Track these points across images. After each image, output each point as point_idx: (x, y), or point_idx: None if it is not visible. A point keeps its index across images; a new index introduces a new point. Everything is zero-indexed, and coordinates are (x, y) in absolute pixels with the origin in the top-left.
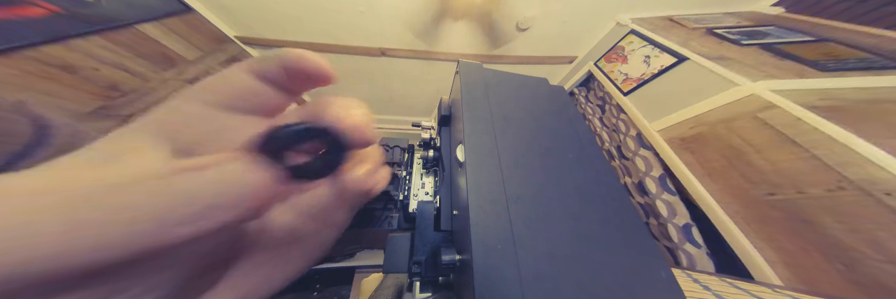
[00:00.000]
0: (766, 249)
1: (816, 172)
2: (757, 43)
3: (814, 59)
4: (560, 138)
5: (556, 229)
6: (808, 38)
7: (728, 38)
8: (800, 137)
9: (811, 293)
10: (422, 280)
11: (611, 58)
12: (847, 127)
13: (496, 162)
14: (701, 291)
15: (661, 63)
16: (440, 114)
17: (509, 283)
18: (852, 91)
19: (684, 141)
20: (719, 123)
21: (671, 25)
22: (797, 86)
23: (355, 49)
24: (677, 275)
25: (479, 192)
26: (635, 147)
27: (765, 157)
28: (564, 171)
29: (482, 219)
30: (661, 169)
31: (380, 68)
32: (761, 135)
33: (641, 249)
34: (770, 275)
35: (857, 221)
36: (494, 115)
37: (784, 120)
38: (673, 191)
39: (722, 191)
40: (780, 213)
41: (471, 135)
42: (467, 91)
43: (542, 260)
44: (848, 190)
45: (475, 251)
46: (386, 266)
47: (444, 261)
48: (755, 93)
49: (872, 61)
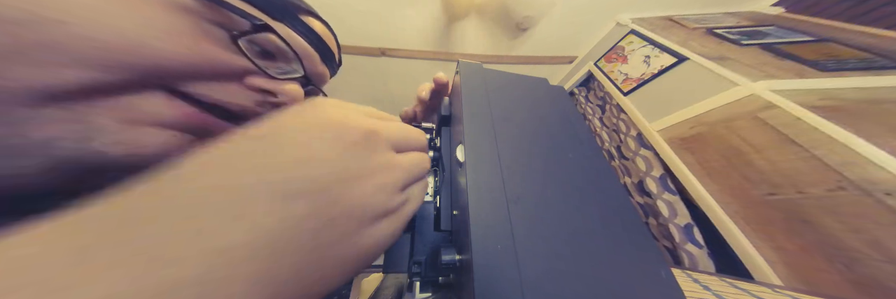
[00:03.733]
0: (766, 249)
1: (816, 172)
2: (757, 43)
3: (814, 59)
4: (560, 138)
5: (556, 229)
6: (808, 38)
7: (728, 38)
8: (800, 137)
9: (811, 293)
10: (422, 280)
11: (611, 58)
12: (847, 127)
13: (496, 162)
14: (701, 291)
15: (661, 63)
16: (440, 115)
17: (509, 283)
18: (852, 91)
19: (684, 141)
20: (719, 123)
21: (671, 25)
22: (797, 86)
23: (355, 49)
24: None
25: (479, 192)
26: (635, 147)
27: (765, 157)
28: (564, 171)
29: (482, 219)
30: (661, 169)
31: (380, 68)
32: (761, 135)
33: (641, 249)
34: (770, 275)
35: (857, 221)
36: (494, 115)
37: (784, 120)
38: (674, 191)
39: (722, 191)
40: (780, 213)
41: (471, 135)
42: (467, 91)
43: (542, 259)
44: (848, 190)
45: (475, 251)
46: (386, 266)
47: (444, 261)
48: (755, 93)
49: (872, 61)
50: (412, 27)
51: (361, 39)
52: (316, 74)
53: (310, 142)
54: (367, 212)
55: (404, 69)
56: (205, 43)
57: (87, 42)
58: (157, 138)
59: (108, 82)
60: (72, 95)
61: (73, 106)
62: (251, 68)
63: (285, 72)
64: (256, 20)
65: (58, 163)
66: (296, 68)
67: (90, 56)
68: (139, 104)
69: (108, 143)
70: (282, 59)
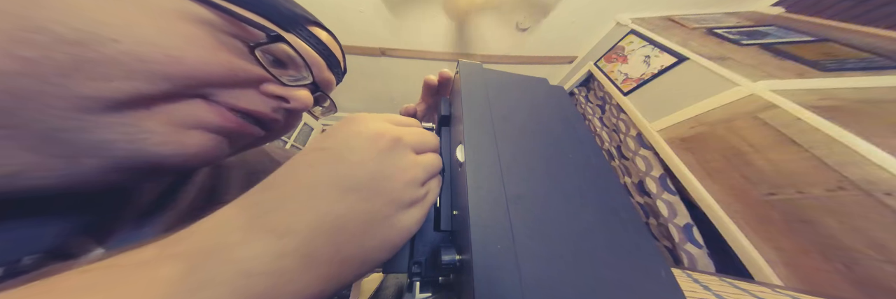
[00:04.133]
0: (766, 249)
1: (816, 172)
2: (757, 43)
3: (814, 59)
4: (560, 138)
5: (556, 229)
6: (808, 38)
7: (728, 38)
8: (800, 137)
9: (811, 293)
10: (422, 280)
11: (611, 58)
12: (847, 127)
13: (496, 162)
14: (701, 291)
15: (661, 63)
16: (440, 115)
17: (509, 283)
18: (852, 91)
19: (684, 141)
20: (719, 123)
21: (671, 25)
22: (797, 86)
23: (355, 49)
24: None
25: (479, 192)
26: (635, 147)
27: (765, 157)
28: (564, 171)
29: (482, 219)
30: (661, 169)
31: (380, 68)
32: (761, 135)
33: (641, 249)
34: (770, 275)
35: (857, 221)
36: (494, 115)
37: (784, 120)
38: (673, 191)
39: (722, 191)
40: (780, 213)
41: (471, 135)
42: (467, 91)
43: (541, 259)
44: (848, 190)
45: (475, 251)
46: (386, 266)
47: (444, 261)
48: (755, 93)
49: (872, 61)
50: (413, 27)
51: (362, 39)
52: (323, 80)
53: (356, 151)
54: (401, 201)
55: (404, 69)
56: (226, 54)
57: (135, 58)
58: (199, 140)
59: (153, 92)
60: (124, 103)
61: (125, 111)
62: (266, 76)
63: (296, 79)
64: (271, 31)
65: (116, 161)
66: (306, 75)
67: (138, 69)
68: (181, 110)
69: (157, 143)
70: (293, 67)
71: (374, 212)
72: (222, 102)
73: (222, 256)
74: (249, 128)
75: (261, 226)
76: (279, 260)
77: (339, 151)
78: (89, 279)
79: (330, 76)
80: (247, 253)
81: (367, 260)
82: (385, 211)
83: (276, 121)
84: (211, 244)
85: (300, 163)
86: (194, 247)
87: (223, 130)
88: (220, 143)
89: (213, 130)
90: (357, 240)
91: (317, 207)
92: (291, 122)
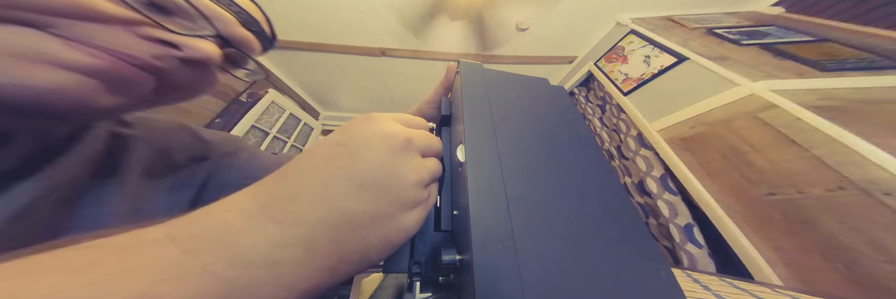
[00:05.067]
0: (766, 249)
1: (816, 172)
2: (757, 43)
3: (814, 59)
4: (560, 138)
5: (556, 229)
6: (808, 38)
7: (728, 38)
8: (800, 137)
9: (811, 293)
10: (422, 280)
11: (611, 58)
12: (847, 127)
13: (496, 162)
14: (701, 291)
15: (661, 63)
16: (440, 115)
17: (509, 283)
18: (852, 91)
19: (684, 141)
20: (719, 123)
21: (671, 25)
22: (797, 86)
23: (355, 49)
24: (677, 275)
25: (480, 192)
26: (636, 147)
27: (765, 157)
28: (565, 171)
29: (482, 219)
30: (661, 169)
31: (380, 68)
32: (761, 134)
33: (641, 249)
34: (770, 275)
35: (857, 221)
36: (495, 115)
37: (784, 120)
38: (674, 191)
39: (722, 191)
40: (780, 213)
41: (471, 135)
42: (467, 91)
43: (542, 259)
44: (848, 190)
45: (475, 251)
46: (386, 266)
47: (445, 261)
48: (755, 93)
49: (872, 61)
50: (413, 27)
51: (362, 39)
52: (235, 36)
53: (371, 148)
54: (406, 201)
55: (404, 69)
56: None
57: None
58: (52, 76)
59: None
60: None
61: None
62: (138, 18)
63: (190, 29)
64: None
65: None
66: (203, 26)
67: None
68: (5, 37)
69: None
70: (183, 16)
71: (380, 210)
72: (71, 37)
73: (225, 241)
74: (127, 69)
75: (270, 215)
76: (281, 250)
77: (356, 147)
78: (85, 257)
79: (245, 33)
80: (250, 240)
81: (364, 258)
82: (391, 210)
83: (167, 72)
84: (217, 229)
85: (317, 155)
86: (200, 231)
87: (89, 69)
88: (88, 85)
89: (71, 68)
90: (360, 237)
91: (329, 201)
92: (201, 78)
